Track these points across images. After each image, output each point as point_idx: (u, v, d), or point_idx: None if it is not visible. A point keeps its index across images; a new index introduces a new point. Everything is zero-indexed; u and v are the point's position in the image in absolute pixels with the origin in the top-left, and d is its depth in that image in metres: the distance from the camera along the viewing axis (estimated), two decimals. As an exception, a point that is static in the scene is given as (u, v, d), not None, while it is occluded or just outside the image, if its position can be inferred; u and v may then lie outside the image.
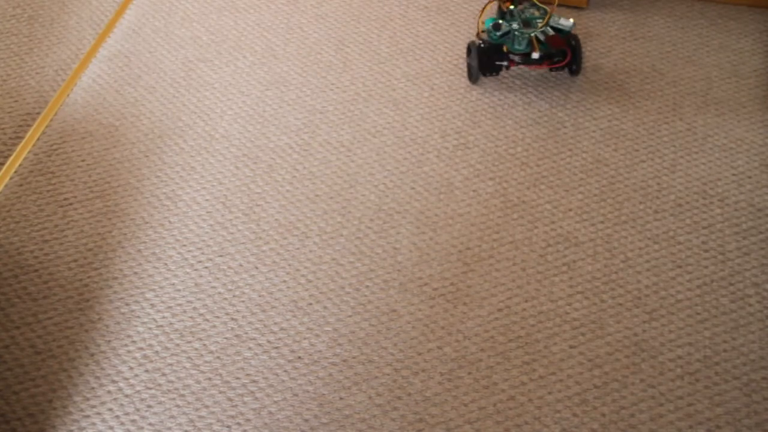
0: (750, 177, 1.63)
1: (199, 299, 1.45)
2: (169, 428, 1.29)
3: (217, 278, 1.48)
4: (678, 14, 1.99)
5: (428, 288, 1.46)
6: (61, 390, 1.33)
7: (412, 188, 1.62)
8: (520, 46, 1.73)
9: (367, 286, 1.46)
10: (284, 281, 1.47)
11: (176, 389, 1.33)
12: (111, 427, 1.29)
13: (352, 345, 1.39)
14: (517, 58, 1.74)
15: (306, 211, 1.58)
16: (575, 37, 1.78)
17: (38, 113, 1.76)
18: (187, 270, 1.49)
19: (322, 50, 1.90)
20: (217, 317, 1.42)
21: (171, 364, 1.36)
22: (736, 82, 1.83)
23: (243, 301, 1.44)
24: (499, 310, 1.43)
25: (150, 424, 1.29)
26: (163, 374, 1.35)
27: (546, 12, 1.76)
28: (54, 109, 1.76)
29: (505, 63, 1.75)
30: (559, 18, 1.76)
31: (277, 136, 1.71)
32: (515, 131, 1.72)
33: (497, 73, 1.78)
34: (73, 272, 1.48)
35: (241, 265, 1.49)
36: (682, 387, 1.33)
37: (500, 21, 1.74)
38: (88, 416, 1.30)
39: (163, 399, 1.32)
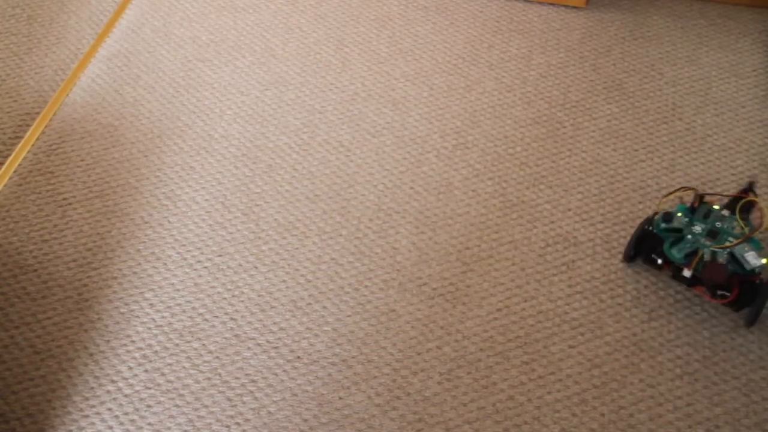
0: (749, 177, 1.63)
1: (198, 299, 1.45)
2: (169, 428, 1.29)
3: (217, 278, 1.48)
4: (677, 14, 1.99)
5: (427, 288, 1.46)
6: (60, 390, 1.33)
7: (411, 188, 1.62)
8: (678, 254, 1.37)
9: (366, 286, 1.46)
10: (283, 281, 1.47)
11: (175, 389, 1.33)
12: (110, 427, 1.29)
13: (351, 345, 1.39)
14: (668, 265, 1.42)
15: (305, 211, 1.58)
16: (762, 280, 1.36)
17: (37, 113, 1.76)
18: (187, 270, 1.49)
19: (321, 50, 1.90)
20: (217, 317, 1.42)
21: (170, 364, 1.36)
22: (735, 81, 1.83)
23: (242, 301, 1.44)
24: (498, 309, 1.43)
25: (149, 424, 1.29)
26: (163, 374, 1.35)
27: (742, 233, 1.38)
28: (53, 109, 1.76)
29: (660, 261, 1.42)
30: (749, 250, 1.35)
31: (276, 136, 1.71)
32: (515, 131, 1.72)
33: (654, 267, 1.44)
34: (72, 272, 1.48)
35: (240, 265, 1.49)
36: (681, 387, 1.33)
37: (679, 213, 1.41)
38: (87, 416, 1.30)
39: (162, 399, 1.32)
